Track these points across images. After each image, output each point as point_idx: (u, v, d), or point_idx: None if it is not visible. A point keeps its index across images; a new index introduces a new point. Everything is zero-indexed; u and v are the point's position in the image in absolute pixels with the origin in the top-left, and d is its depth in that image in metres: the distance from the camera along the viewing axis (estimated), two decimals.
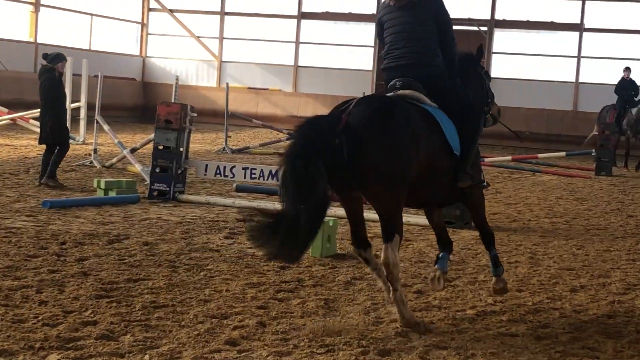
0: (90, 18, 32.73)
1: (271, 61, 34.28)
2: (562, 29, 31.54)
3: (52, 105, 13.11)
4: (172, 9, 35.12)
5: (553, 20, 31.56)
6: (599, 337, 6.09)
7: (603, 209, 14.16)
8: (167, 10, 35.12)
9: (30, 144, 19.67)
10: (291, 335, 5.78)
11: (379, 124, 5.86)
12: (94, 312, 6.06)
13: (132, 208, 11.31)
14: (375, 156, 5.79)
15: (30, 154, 17.65)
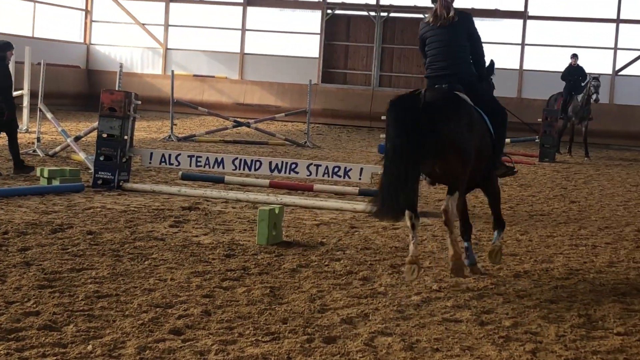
0: (33, 5, 32.25)
1: (217, 48, 34.11)
2: (507, 17, 31.82)
3: (7, 94, 12.97)
4: None
5: (497, 7, 31.82)
6: (541, 322, 6.17)
7: (546, 195, 14.34)
8: None
9: None
10: (236, 323, 5.77)
11: (452, 107, 7.27)
12: (37, 302, 5.99)
13: (76, 197, 11.19)
14: (452, 132, 7.09)
15: None
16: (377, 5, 32.72)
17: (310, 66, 32.95)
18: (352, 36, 33.44)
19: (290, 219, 10.36)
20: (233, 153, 17.83)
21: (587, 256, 8.92)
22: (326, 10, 33.13)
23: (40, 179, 11.97)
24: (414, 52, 32.65)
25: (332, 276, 7.37)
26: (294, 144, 22.01)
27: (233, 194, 11.96)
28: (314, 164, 12.07)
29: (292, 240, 8.97)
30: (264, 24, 33.92)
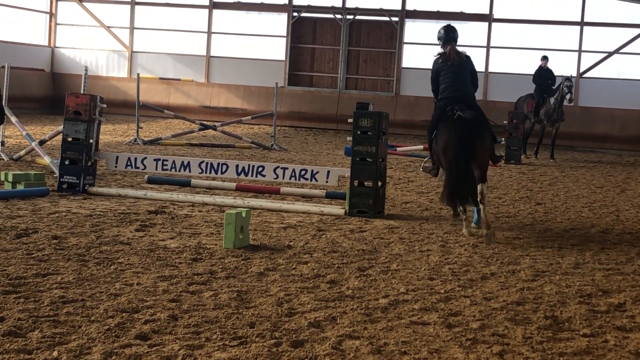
0: None
1: (183, 51, 33.96)
2: (472, 19, 31.98)
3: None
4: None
5: (463, 10, 31.98)
6: (508, 324, 6.20)
7: (512, 196, 14.42)
8: (76, 0, 34.48)
9: None
10: (203, 328, 5.74)
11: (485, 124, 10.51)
12: (1, 308, 5.91)
13: (41, 201, 11.09)
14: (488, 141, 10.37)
15: None
16: (343, 8, 32.76)
17: (277, 69, 32.92)
18: (318, 39, 33.45)
19: (257, 222, 10.34)
20: (199, 156, 17.77)
21: (553, 258, 8.97)
22: (292, 13, 33.12)
23: (4, 183, 11.84)
24: (380, 55, 32.75)
25: (299, 279, 7.36)
26: (261, 146, 21.99)
27: (199, 197, 11.91)
28: (280, 167, 12.06)
29: (259, 244, 8.94)
30: (230, 27, 33.84)
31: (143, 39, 34.36)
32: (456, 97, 10.49)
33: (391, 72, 32.70)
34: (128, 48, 34.28)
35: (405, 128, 30.98)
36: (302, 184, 13.27)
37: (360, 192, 11.30)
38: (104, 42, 34.46)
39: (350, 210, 11.27)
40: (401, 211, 12.01)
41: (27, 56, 32.65)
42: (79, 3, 34.43)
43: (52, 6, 34.74)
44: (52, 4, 34.73)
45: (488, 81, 31.61)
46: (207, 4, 33.76)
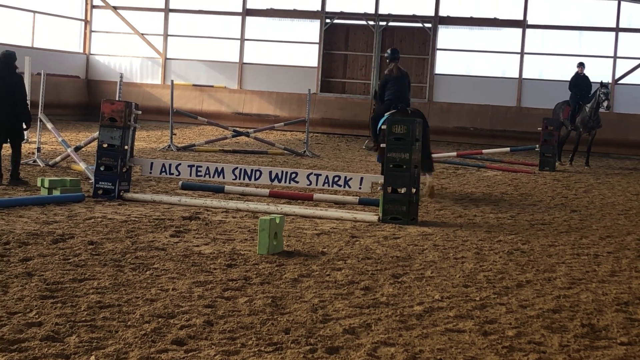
0: (32, 15, 32.26)
1: (216, 58, 34.11)
2: (506, 25, 31.85)
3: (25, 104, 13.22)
4: (116, 6, 34.77)
5: (496, 16, 31.86)
6: (545, 332, 6.16)
7: (547, 204, 14.33)
8: (111, 7, 34.75)
9: None
10: (239, 333, 5.75)
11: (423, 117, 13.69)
12: (39, 313, 5.97)
13: (77, 207, 11.18)
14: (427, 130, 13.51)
15: None
16: (375, 14, 32.75)
17: (309, 75, 32.97)
18: (350, 45, 33.46)
19: (290, 228, 10.36)
20: (233, 163, 17.83)
21: (589, 265, 8.91)
22: (325, 20, 33.17)
23: (40, 189, 11.96)
24: (413, 61, 32.69)
25: (333, 286, 7.36)
26: (293, 153, 22.02)
27: (233, 203, 11.95)
28: (314, 174, 12.07)
29: (293, 250, 8.96)
30: (262, 34, 33.94)
31: (177, 46, 34.55)
32: (399, 99, 14.50)
33: (424, 78, 32.63)
34: (162, 55, 34.49)
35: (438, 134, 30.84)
36: (335, 191, 13.27)
37: (393, 199, 11.28)
38: (138, 49, 34.70)
39: (383, 216, 11.25)
40: (435, 218, 11.98)
41: (62, 63, 32.95)
42: (114, 10, 34.70)
43: (87, 13, 35.04)
44: (87, 12, 35.03)
45: (522, 87, 31.45)
46: (240, 11, 33.89)
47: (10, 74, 13.10)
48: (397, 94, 14.49)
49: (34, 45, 32.06)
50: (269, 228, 8.60)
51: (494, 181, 17.79)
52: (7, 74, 13.06)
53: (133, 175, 13.31)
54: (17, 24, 31.77)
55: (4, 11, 31.13)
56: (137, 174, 14.23)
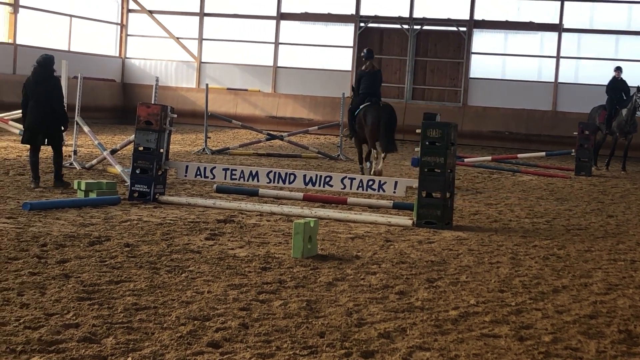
0: (69, 19, 32.59)
1: (250, 62, 34.25)
2: (541, 29, 31.68)
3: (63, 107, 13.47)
4: (152, 10, 35.02)
5: (532, 20, 31.69)
6: (581, 338, 6.11)
7: (583, 209, 14.22)
8: (147, 12, 35.01)
9: (10, 146, 19.57)
10: (274, 337, 5.76)
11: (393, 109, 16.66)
12: (76, 314, 6.02)
13: (113, 209, 11.26)
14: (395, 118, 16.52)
15: (9, 155, 17.55)
16: (410, 18, 32.72)
17: (343, 79, 32.99)
18: (385, 49, 33.44)
19: (324, 232, 10.36)
20: (267, 166, 17.88)
21: (626, 271, 8.83)
22: (359, 24, 33.17)
23: (77, 191, 12.06)
24: (448, 65, 32.61)
25: (368, 290, 7.36)
26: (327, 157, 22.04)
27: (267, 206, 11.98)
28: (348, 177, 12.07)
29: (327, 254, 8.96)
30: (297, 38, 34.03)
31: (211, 50, 34.74)
32: (370, 93, 16.94)
33: (459, 82, 32.53)
34: (197, 59, 34.68)
35: (473, 139, 30.80)
36: (370, 194, 13.26)
37: (428, 203, 11.25)
38: (173, 53, 34.93)
39: (418, 221, 11.23)
40: (470, 222, 11.93)
41: (98, 67, 33.23)
42: (149, 14, 34.94)
43: (123, 17, 35.33)
44: (123, 16, 35.32)
45: (557, 91, 31.27)
46: (275, 15, 34.00)
47: (48, 78, 13.23)
48: (369, 89, 16.99)
49: (70, 49, 32.39)
50: (304, 231, 8.61)
51: (529, 186, 17.69)
52: (44, 78, 13.19)
53: (168, 178, 13.38)
54: (54, 28, 32.11)
55: (41, 15, 31.47)
56: (173, 176, 14.31)
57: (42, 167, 14.55)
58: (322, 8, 33.64)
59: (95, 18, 34.10)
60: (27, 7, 30.42)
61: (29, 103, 13.15)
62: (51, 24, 32.00)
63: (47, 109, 13.11)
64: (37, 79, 13.20)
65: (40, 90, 13.09)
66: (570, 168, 21.93)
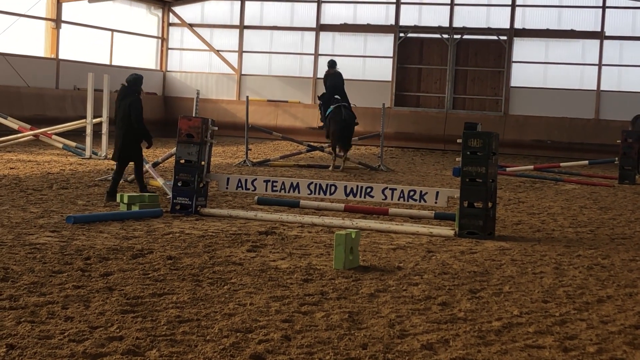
0: (110, 34, 32.94)
1: (290, 74, 34.37)
2: (583, 37, 31.44)
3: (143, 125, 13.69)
4: (192, 24, 35.28)
5: (573, 28, 31.47)
6: (627, 348, 6.04)
7: (627, 217, 14.06)
8: (187, 25, 35.27)
9: (53, 160, 19.80)
10: (316, 348, 5.76)
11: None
12: (120, 327, 6.07)
13: (155, 222, 11.34)
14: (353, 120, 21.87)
15: (53, 169, 17.75)
16: (450, 27, 32.63)
17: (383, 89, 32.98)
18: (425, 59, 33.39)
19: (366, 243, 10.35)
20: (308, 177, 17.90)
21: None
22: (399, 34, 33.16)
23: (120, 204, 12.16)
24: (488, 74, 32.47)
25: (410, 301, 7.33)
26: (368, 167, 22.01)
27: (309, 218, 11.99)
28: (389, 188, 12.05)
29: (369, 265, 8.95)
30: (336, 49, 34.08)
31: (251, 62, 34.90)
32: (335, 86, 21.85)
33: (499, 91, 32.37)
34: (237, 71, 34.86)
35: (515, 148, 30.61)
36: (411, 205, 13.23)
37: (470, 213, 11.19)
38: (213, 66, 35.16)
39: (460, 231, 11.17)
40: (512, 232, 11.85)
41: None
42: (190, 28, 35.21)
43: (163, 31, 35.63)
44: (164, 30, 35.63)
45: (600, 99, 30.99)
46: (314, 27, 34.09)
47: (128, 95, 13.51)
48: (334, 84, 22.07)
49: (112, 63, 32.72)
50: (345, 243, 8.60)
51: (572, 195, 17.54)
52: (125, 95, 13.52)
53: (210, 191, 13.45)
54: (96, 42, 32.48)
55: (84, 30, 31.85)
56: (214, 189, 14.38)
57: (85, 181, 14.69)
58: (362, 19, 33.68)
59: (136, 32, 34.43)
60: (69, 22, 30.79)
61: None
62: (93, 39, 32.37)
63: (126, 126, 13.41)
64: (119, 96, 13.63)
65: (121, 107, 13.46)
66: (613, 176, 21.70)
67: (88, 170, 17.81)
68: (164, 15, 35.59)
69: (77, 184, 15.16)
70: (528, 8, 32.13)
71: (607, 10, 31.21)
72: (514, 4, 32.06)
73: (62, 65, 30.23)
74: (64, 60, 30.35)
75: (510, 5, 32.10)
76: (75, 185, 15.07)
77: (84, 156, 20.73)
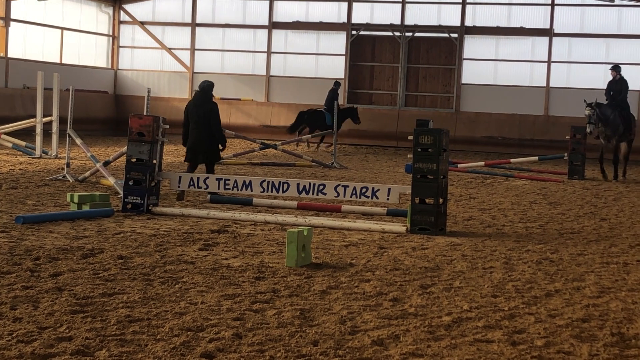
0: (60, 32, 32.60)
1: (243, 71, 34.30)
2: (532, 34, 31.76)
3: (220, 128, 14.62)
4: (143, 21, 35.05)
5: (523, 25, 31.78)
6: (574, 341, 6.13)
7: (576, 212, 14.25)
8: (138, 23, 35.04)
9: (3, 159, 19.57)
10: (267, 346, 5.77)
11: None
12: (69, 327, 6.02)
13: (106, 221, 11.26)
14: None
15: (2, 169, 17.55)
16: (401, 25, 32.79)
17: None
18: (377, 56, 33.52)
19: (319, 240, 10.37)
20: (261, 175, 17.89)
21: (619, 274, 8.85)
22: (351, 32, 33.24)
23: (70, 204, 12.06)
24: (440, 71, 32.69)
25: (362, 297, 7.37)
26: (321, 165, 22.05)
27: (261, 216, 11.99)
28: (341, 185, 12.09)
29: (322, 262, 8.97)
30: (289, 46, 34.09)
31: (204, 60, 34.77)
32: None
33: (451, 88, 32.60)
34: (189, 69, 34.71)
35: (466, 144, 30.85)
36: (363, 202, 13.28)
37: (421, 210, 11.27)
38: (165, 64, 34.98)
39: (411, 227, 11.25)
40: (463, 228, 11.95)
41: (90, 79, 33.26)
42: (141, 26, 34.98)
43: (114, 29, 35.36)
44: (115, 27, 35.35)
45: (549, 96, 31.33)
46: (267, 24, 34.05)
47: (206, 102, 14.42)
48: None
49: (62, 61, 32.40)
50: (297, 240, 8.62)
51: (522, 190, 17.72)
52: (203, 102, 14.40)
53: (162, 189, 13.38)
54: (46, 41, 32.13)
55: (33, 29, 31.48)
56: (166, 187, 14.31)
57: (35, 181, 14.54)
58: (314, 17, 33.72)
59: (87, 30, 34.12)
60: (18, 20, 30.44)
61: (190, 125, 14.37)
62: (43, 37, 32.02)
63: (204, 130, 14.20)
64: (196, 102, 14.42)
65: (199, 113, 14.26)
66: (563, 172, 21.96)
67: (38, 170, 17.63)
68: (115, 13, 35.31)
69: (26, 184, 15.00)
70: (478, 5, 32.38)
71: (555, 7, 31.57)
72: (464, 2, 32.30)
73: (11, 64, 29.86)
74: (13, 59, 29.98)
75: (461, 3, 32.33)
76: (25, 184, 14.91)
77: (34, 155, 20.51)
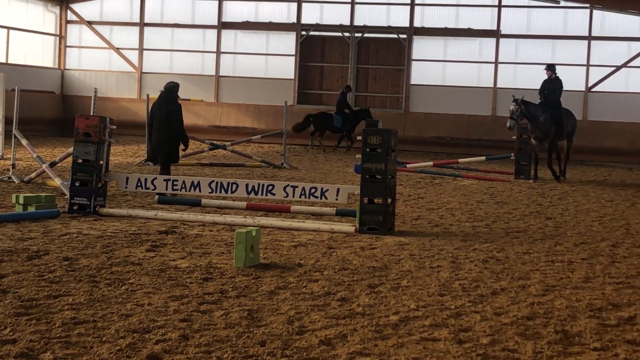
0: (6, 31, 32.16)
1: (192, 71, 34.13)
2: (480, 35, 32.04)
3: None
4: (90, 21, 34.72)
5: (470, 27, 32.04)
6: (518, 339, 6.20)
7: (522, 211, 14.41)
8: (86, 23, 34.70)
9: None
10: (214, 347, 5.76)
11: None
12: (13, 330, 5.95)
13: (52, 223, 11.14)
14: None
15: None
16: (351, 26, 32.87)
17: (286, 88, 33.04)
18: (327, 57, 33.57)
19: (267, 240, 10.37)
20: (209, 176, 17.82)
21: (564, 272, 8.97)
22: (301, 32, 33.25)
23: (15, 205, 11.91)
24: (389, 72, 32.83)
25: (310, 297, 7.38)
26: (271, 165, 22.03)
27: (210, 217, 11.94)
28: (290, 185, 12.09)
29: (270, 262, 8.97)
30: (239, 47, 34.00)
31: (152, 60, 34.54)
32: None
33: (400, 89, 32.76)
34: (137, 69, 34.45)
35: (416, 145, 31.03)
36: (312, 202, 13.30)
37: (370, 210, 11.32)
38: (113, 64, 34.68)
39: (360, 227, 11.29)
40: (411, 228, 12.02)
41: (37, 79, 32.86)
42: (88, 25, 34.64)
43: (61, 29, 34.97)
44: (62, 27, 34.96)
45: (497, 97, 31.62)
46: (216, 24, 33.93)
47: (170, 102, 14.73)
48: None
49: (8, 61, 31.96)
50: (246, 241, 8.60)
51: (470, 190, 17.88)
52: (167, 102, 14.68)
53: (109, 190, 13.28)
54: None
55: None
56: (113, 188, 14.20)
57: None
58: (264, 17, 33.67)
59: (33, 30, 33.70)
60: None
61: (153, 124, 14.68)
62: None
63: (166, 130, 14.41)
64: (161, 102, 14.74)
65: (162, 113, 14.55)
66: (510, 172, 22.19)
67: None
68: (61, 13, 34.92)
69: None
70: (427, 7, 32.57)
71: (502, 9, 31.87)
72: (413, 3, 32.48)
73: None
74: None
75: (410, 4, 32.50)
76: None
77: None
